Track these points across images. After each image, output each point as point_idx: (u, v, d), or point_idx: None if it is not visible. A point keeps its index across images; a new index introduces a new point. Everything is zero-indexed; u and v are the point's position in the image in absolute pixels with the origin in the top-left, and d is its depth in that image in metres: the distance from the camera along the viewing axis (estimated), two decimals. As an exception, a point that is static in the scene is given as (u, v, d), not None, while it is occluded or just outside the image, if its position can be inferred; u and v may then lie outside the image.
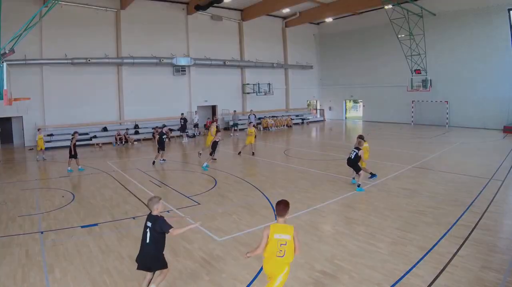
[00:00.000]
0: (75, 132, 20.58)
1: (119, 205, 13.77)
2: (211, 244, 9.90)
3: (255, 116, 32.96)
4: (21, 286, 7.78)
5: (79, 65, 31.79)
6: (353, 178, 15.83)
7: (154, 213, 7.20)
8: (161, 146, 21.45)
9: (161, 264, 7.25)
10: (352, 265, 8.45)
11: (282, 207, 6.77)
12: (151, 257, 7.10)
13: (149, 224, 7.12)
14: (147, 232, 7.09)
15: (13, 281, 7.96)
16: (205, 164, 19.69)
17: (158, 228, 7.00)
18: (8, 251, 9.56)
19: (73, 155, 19.86)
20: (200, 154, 23.69)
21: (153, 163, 21.55)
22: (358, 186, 14.86)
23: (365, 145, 15.91)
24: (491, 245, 9.37)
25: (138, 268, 7.24)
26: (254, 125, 25.88)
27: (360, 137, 15.69)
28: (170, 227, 7.02)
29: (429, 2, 36.62)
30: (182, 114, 33.25)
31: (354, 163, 15.08)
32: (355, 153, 15.01)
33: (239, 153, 23.91)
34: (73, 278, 8.08)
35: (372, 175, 16.43)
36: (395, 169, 18.66)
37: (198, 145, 29.75)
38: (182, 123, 33.58)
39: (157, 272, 7.31)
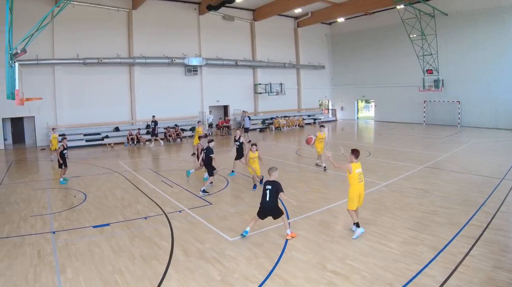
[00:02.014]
0: (64, 138, 18.85)
1: (131, 205, 13.77)
2: (223, 244, 9.87)
3: (250, 118, 32.44)
4: (33, 286, 7.77)
5: (91, 65, 31.93)
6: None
7: (271, 178, 10.31)
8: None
9: (279, 212, 10.14)
10: (364, 265, 8.39)
11: (358, 153, 10.80)
12: (272, 209, 10.08)
13: (268, 187, 10.12)
14: (267, 193, 10.06)
15: (25, 281, 7.95)
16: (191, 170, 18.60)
17: (275, 188, 10.03)
18: (20, 251, 9.56)
19: (61, 164, 17.73)
20: (194, 153, 23.32)
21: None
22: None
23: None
24: (503, 245, 9.29)
25: (261, 219, 10.24)
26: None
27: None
28: (283, 191, 10.07)
29: (441, 2, 36.43)
30: (153, 117, 31.85)
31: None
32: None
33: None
34: (85, 278, 8.07)
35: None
36: (407, 169, 18.53)
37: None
38: (152, 126, 31.29)
39: (279, 219, 10.28)
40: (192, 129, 33.99)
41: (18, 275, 8.22)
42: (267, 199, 10.03)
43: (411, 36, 36.44)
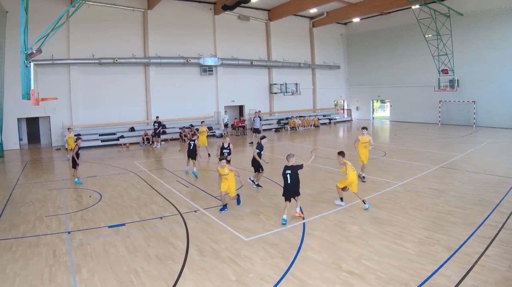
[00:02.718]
0: (78, 138, 18.40)
1: (146, 205, 13.79)
2: (238, 244, 9.88)
3: (260, 119, 32.24)
4: (49, 286, 7.79)
5: (106, 65, 32.06)
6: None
7: (289, 164, 11.58)
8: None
9: (298, 193, 11.75)
10: (379, 265, 8.39)
11: (344, 153, 12.82)
12: (295, 191, 11.61)
13: (288, 171, 11.44)
14: (288, 177, 11.41)
15: (40, 281, 7.96)
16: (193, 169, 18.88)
17: (295, 172, 11.46)
18: (35, 251, 9.59)
19: (76, 164, 17.50)
20: (209, 155, 23.78)
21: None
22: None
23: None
24: (519, 245, 9.24)
25: (288, 201, 11.46)
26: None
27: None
28: (302, 165, 11.66)
29: (456, 2, 36.21)
30: (157, 117, 31.75)
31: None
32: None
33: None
34: (100, 278, 8.08)
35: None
36: (422, 169, 18.43)
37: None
38: (156, 127, 31.17)
39: (294, 199, 11.70)
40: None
41: (34, 275, 8.24)
42: (289, 182, 11.48)
43: (427, 36, 36.18)
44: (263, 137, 16.24)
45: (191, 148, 18.84)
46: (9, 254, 9.41)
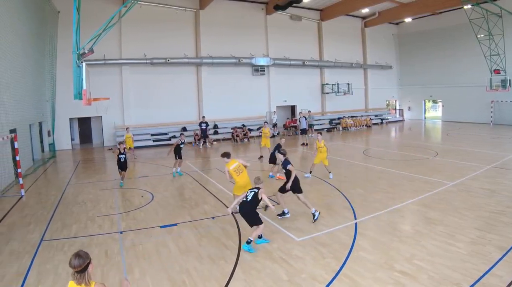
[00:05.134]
0: (120, 143, 18.55)
1: (198, 205, 13.78)
2: (289, 244, 9.80)
3: (306, 119, 32.03)
4: (100, 286, 7.85)
5: (158, 65, 32.39)
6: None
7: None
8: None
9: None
10: (431, 265, 8.26)
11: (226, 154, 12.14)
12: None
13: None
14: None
15: (92, 281, 8.04)
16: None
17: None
18: (87, 251, 9.53)
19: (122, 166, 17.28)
20: (262, 157, 23.16)
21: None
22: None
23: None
24: None
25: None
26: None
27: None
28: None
29: (508, 2, 35.35)
30: (203, 117, 31.56)
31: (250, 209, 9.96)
32: (252, 193, 9.95)
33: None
34: (152, 278, 8.11)
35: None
36: (474, 169, 18.08)
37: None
38: (203, 127, 30.65)
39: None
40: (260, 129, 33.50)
41: None
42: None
43: (478, 36, 35.57)
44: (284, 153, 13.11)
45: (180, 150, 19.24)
46: (61, 254, 9.45)
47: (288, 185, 11.64)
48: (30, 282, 8.04)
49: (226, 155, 11.94)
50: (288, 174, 11.91)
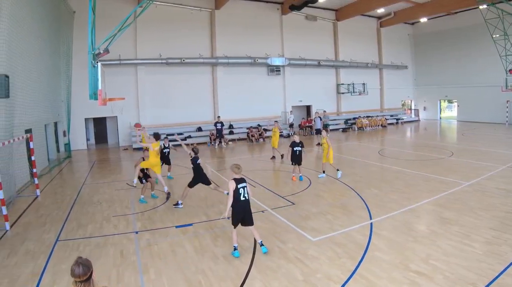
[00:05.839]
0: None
1: (214, 205, 13.78)
2: (305, 244, 9.80)
3: (321, 119, 31.67)
4: (116, 286, 7.84)
5: (174, 65, 32.50)
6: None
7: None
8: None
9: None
10: (446, 265, 8.22)
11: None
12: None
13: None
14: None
15: (108, 281, 7.99)
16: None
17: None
18: (103, 251, 9.67)
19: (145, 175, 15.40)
20: (283, 155, 22.37)
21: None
22: None
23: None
24: None
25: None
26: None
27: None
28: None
29: (524, 2, 35.03)
30: (219, 117, 31.70)
31: None
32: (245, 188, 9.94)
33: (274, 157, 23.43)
34: (167, 278, 8.11)
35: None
36: (490, 169, 17.96)
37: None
38: (219, 127, 30.72)
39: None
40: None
41: (101, 275, 8.22)
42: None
43: (494, 36, 35.35)
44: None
45: (166, 155, 19.21)
46: (76, 254, 9.33)
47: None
48: (45, 282, 8.07)
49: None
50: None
